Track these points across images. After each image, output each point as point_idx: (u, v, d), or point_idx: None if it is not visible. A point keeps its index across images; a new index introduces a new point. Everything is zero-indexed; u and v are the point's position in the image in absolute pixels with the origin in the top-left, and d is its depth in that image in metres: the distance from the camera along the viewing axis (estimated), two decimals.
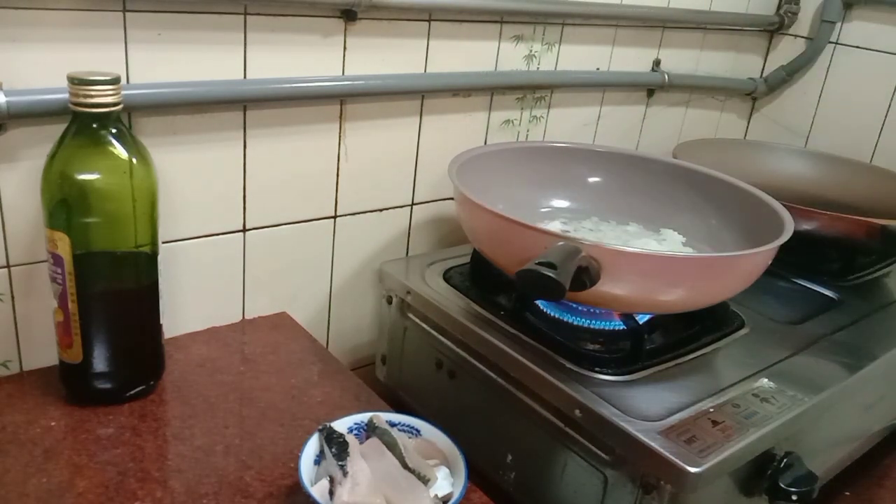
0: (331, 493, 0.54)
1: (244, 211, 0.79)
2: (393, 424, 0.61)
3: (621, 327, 0.72)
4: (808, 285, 0.92)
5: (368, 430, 0.61)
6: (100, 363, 0.64)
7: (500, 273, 0.73)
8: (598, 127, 1.11)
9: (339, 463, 0.55)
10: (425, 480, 0.56)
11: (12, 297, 0.67)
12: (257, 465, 0.61)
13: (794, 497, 0.62)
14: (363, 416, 0.62)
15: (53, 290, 0.61)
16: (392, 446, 0.58)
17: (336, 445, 0.56)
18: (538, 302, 0.76)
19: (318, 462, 0.58)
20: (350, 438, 0.58)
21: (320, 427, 0.58)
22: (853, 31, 1.21)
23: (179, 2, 0.66)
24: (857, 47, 1.20)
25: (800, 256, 0.86)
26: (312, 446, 0.58)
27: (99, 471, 0.58)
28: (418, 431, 0.62)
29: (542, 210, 0.91)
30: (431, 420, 0.62)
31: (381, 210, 0.90)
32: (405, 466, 0.56)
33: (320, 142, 0.81)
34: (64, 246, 0.59)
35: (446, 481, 0.57)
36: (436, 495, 0.56)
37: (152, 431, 0.63)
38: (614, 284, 0.62)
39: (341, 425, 0.61)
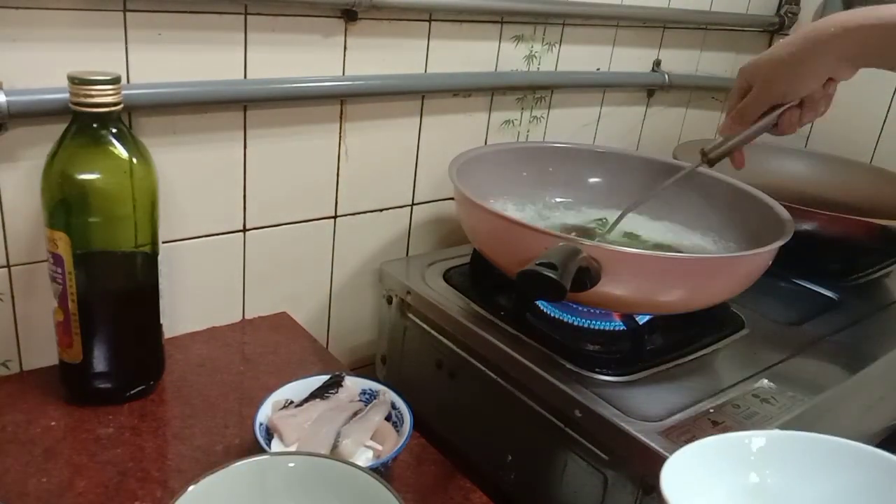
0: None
1: (244, 211, 0.79)
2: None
3: (621, 328, 0.72)
4: (809, 286, 0.92)
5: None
6: (100, 363, 0.64)
7: (500, 273, 0.73)
8: (598, 127, 1.11)
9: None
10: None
11: (12, 297, 0.67)
12: None
13: None
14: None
15: (53, 290, 0.61)
16: None
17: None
18: (538, 302, 0.76)
19: None
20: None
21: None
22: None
23: (179, 2, 0.66)
24: None
25: (800, 257, 0.86)
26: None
27: (99, 471, 0.58)
28: (375, 395, 0.65)
29: (543, 210, 0.91)
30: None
31: (381, 210, 0.90)
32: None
33: (320, 142, 0.81)
34: (64, 246, 0.59)
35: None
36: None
37: (152, 431, 0.63)
38: (615, 285, 0.62)
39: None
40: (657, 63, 1.13)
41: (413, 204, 0.93)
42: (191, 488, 0.47)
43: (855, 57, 0.63)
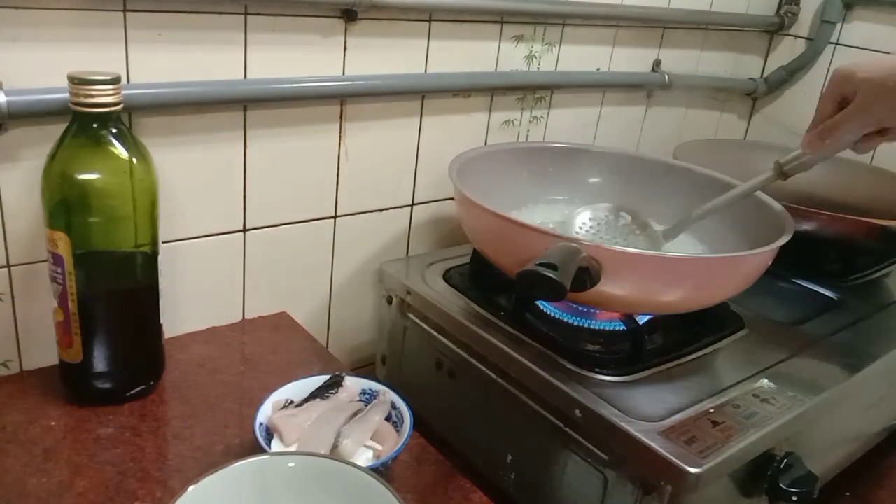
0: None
1: (244, 211, 0.79)
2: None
3: (621, 328, 0.72)
4: (808, 286, 0.92)
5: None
6: (100, 363, 0.64)
7: (500, 273, 0.73)
8: (598, 127, 1.11)
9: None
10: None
11: (12, 297, 0.67)
12: None
13: (794, 498, 0.62)
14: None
15: (53, 290, 0.61)
16: None
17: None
18: (538, 302, 0.76)
19: None
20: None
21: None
22: (853, 31, 1.21)
23: (179, 2, 0.66)
24: (858, 48, 1.20)
25: (800, 257, 0.86)
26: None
27: (99, 471, 0.58)
28: (375, 395, 0.65)
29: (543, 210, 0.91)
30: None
31: (381, 210, 0.90)
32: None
33: (320, 142, 0.81)
34: (64, 246, 0.59)
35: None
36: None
37: (152, 431, 0.63)
38: (615, 285, 0.62)
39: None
40: (657, 63, 1.13)
41: (413, 204, 0.93)
42: (191, 488, 0.47)
43: None
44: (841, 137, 0.63)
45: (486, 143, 0.97)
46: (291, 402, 0.63)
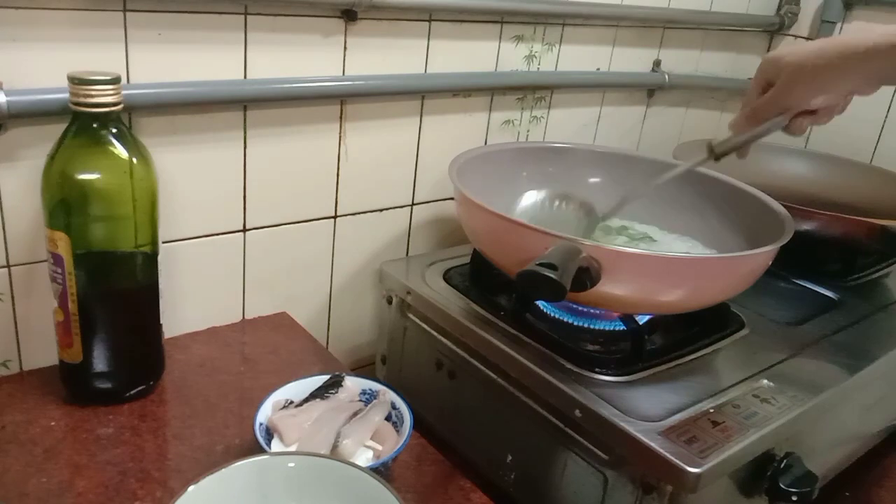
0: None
1: (244, 211, 0.79)
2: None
3: (621, 328, 0.72)
4: (808, 286, 0.92)
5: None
6: (100, 363, 0.64)
7: (500, 273, 0.73)
8: (598, 127, 1.11)
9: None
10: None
11: (12, 297, 0.67)
12: None
13: (794, 497, 0.62)
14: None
15: (53, 290, 0.61)
16: None
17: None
18: (538, 302, 0.76)
19: None
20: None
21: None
22: (853, 31, 1.21)
23: (179, 2, 0.66)
24: None
25: (800, 257, 0.86)
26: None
27: (99, 471, 0.58)
28: (375, 395, 0.65)
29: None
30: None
31: (381, 210, 0.90)
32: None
33: (320, 142, 0.81)
34: (64, 246, 0.59)
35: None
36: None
37: (152, 431, 0.63)
38: (615, 285, 0.62)
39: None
40: (657, 63, 1.13)
41: (413, 204, 0.93)
42: (191, 488, 0.47)
43: (884, 78, 0.61)
44: (764, 119, 0.66)
45: (486, 143, 0.97)
46: (291, 402, 0.63)
